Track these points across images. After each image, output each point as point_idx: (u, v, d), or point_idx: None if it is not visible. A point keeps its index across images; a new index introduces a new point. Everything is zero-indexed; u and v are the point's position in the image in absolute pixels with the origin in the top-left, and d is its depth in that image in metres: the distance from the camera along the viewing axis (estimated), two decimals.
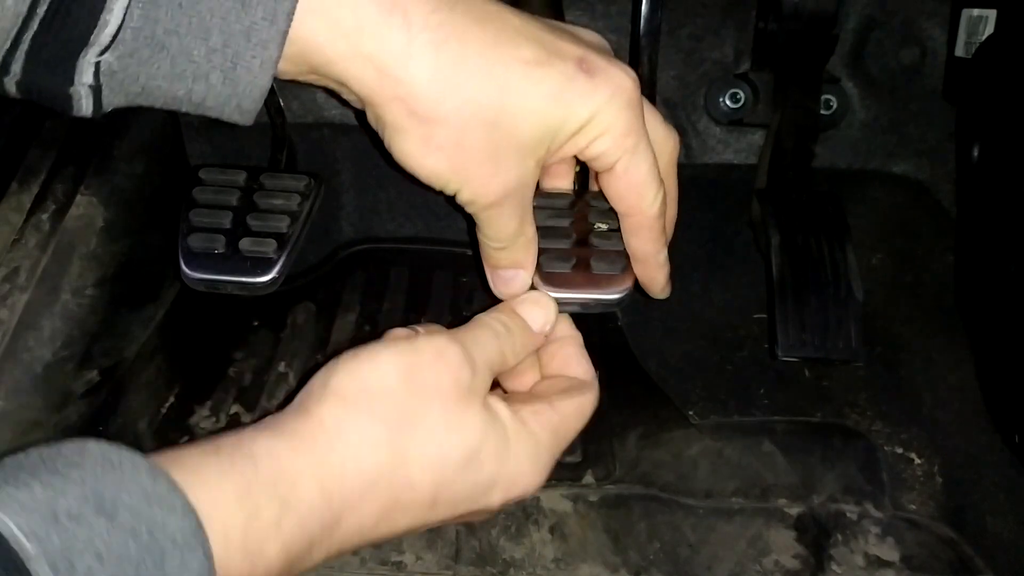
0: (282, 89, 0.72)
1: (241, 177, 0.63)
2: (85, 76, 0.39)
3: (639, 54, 0.67)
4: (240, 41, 0.39)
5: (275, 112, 0.72)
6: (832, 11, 0.67)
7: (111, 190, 0.66)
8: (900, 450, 0.65)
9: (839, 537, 0.60)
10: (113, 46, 0.38)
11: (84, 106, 0.40)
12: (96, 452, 0.34)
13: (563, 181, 0.54)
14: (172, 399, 0.68)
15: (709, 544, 0.59)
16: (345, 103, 0.46)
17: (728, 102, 0.76)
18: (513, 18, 0.44)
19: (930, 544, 0.60)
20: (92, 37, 0.38)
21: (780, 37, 0.69)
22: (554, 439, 0.47)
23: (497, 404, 0.45)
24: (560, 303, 0.49)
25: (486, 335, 0.46)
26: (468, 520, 0.47)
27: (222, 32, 0.39)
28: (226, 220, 0.60)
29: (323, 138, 0.77)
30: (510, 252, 0.49)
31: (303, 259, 0.78)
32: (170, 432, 0.66)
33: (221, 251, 0.58)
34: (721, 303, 0.77)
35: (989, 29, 0.66)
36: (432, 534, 0.58)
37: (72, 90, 0.39)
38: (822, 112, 0.74)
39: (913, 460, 0.65)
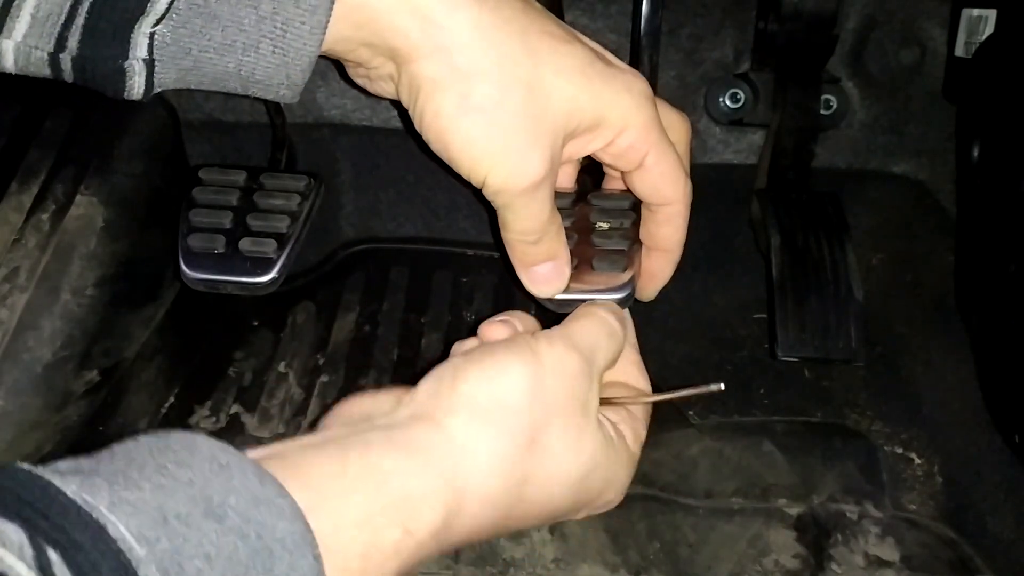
0: None
1: (241, 177, 0.63)
2: (140, 49, 0.39)
3: (639, 54, 0.67)
4: (289, 7, 0.40)
5: (275, 112, 0.72)
6: (832, 11, 0.67)
7: (111, 190, 0.66)
8: (900, 450, 0.65)
9: (839, 537, 0.60)
10: (167, 16, 0.39)
11: (136, 84, 0.40)
12: (205, 452, 0.33)
13: (565, 180, 0.54)
14: (172, 399, 0.68)
15: (709, 544, 0.59)
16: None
17: (728, 102, 0.76)
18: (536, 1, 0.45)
19: (930, 544, 0.60)
20: (148, 6, 0.38)
21: (780, 37, 0.69)
22: (638, 455, 0.47)
23: (603, 419, 0.44)
24: (563, 304, 0.49)
25: (603, 337, 0.44)
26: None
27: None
28: (226, 220, 0.60)
29: (323, 138, 0.77)
30: (544, 244, 0.47)
31: (303, 259, 0.78)
32: None
33: (221, 251, 0.58)
34: (721, 303, 0.77)
35: (989, 29, 0.66)
36: None
37: (127, 65, 0.39)
38: (822, 112, 0.74)
39: (913, 460, 0.65)
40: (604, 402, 0.45)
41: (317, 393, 0.69)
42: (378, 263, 0.80)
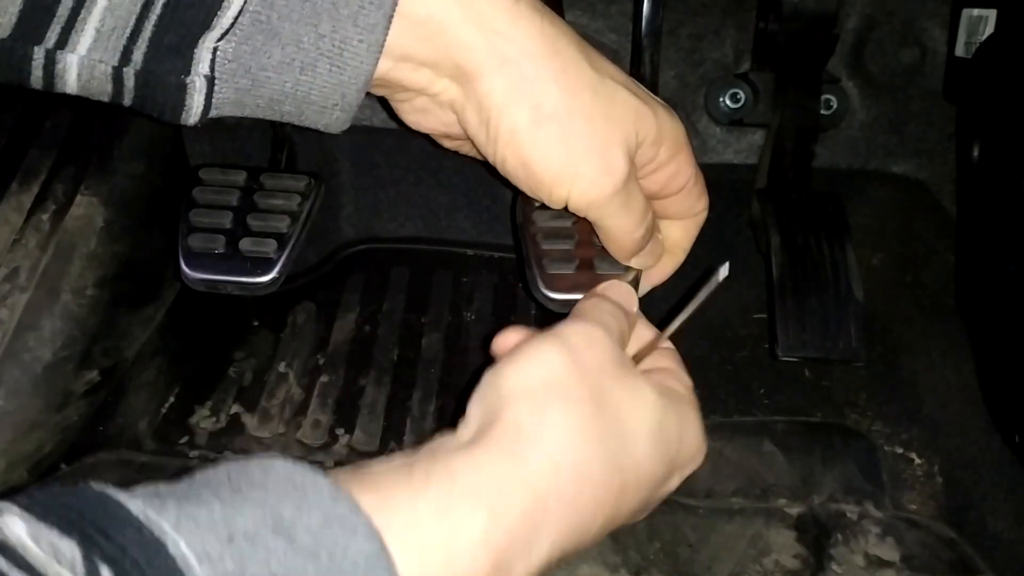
0: None
1: (241, 177, 0.63)
2: (203, 64, 0.39)
3: (640, 54, 0.67)
4: (348, 26, 0.40)
5: None
6: (832, 11, 0.67)
7: (111, 190, 0.66)
8: (900, 450, 0.65)
9: (839, 537, 0.60)
10: (231, 32, 0.39)
11: (196, 104, 0.40)
12: (281, 472, 0.32)
13: None
14: (172, 399, 0.68)
15: (709, 544, 0.59)
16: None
17: (728, 102, 0.76)
18: None
19: (930, 544, 0.60)
20: (214, 20, 0.39)
21: (780, 37, 0.69)
22: (695, 400, 0.45)
23: (647, 375, 0.43)
24: (565, 304, 0.49)
25: (607, 314, 0.44)
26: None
27: (331, 18, 0.40)
28: (226, 220, 0.60)
29: (323, 138, 0.77)
30: (647, 231, 0.48)
31: (303, 259, 0.78)
32: (170, 432, 0.66)
33: (221, 251, 0.58)
34: (721, 303, 0.77)
35: (989, 29, 0.66)
36: None
37: (188, 80, 0.40)
38: (822, 112, 0.74)
39: (913, 460, 0.65)
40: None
41: (317, 393, 0.69)
42: (378, 263, 0.80)
